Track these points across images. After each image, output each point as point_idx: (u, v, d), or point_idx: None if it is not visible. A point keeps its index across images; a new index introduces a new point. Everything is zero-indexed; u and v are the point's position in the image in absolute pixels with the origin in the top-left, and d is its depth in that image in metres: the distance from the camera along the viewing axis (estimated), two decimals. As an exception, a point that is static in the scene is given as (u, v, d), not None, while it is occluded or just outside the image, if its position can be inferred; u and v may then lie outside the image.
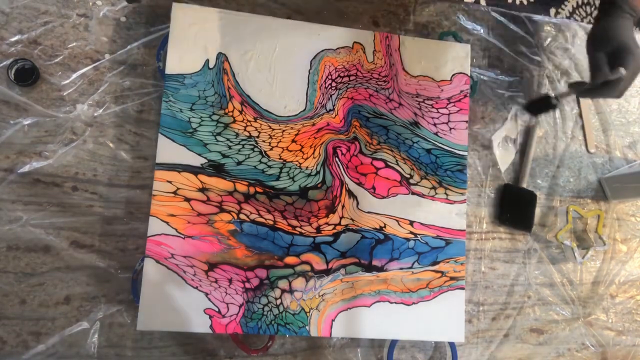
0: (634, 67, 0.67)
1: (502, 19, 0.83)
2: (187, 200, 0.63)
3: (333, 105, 0.69)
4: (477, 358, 0.73)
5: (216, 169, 0.64)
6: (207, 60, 0.66)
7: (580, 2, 2.04)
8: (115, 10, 0.67)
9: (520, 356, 0.75)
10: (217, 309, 0.61)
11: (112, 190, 0.64)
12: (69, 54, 0.65)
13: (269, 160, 0.66)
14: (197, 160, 0.63)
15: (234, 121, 0.66)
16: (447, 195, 0.71)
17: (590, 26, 0.88)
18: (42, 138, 0.63)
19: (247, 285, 0.63)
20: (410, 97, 0.73)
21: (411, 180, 0.70)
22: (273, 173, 0.66)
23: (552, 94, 0.77)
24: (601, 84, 0.67)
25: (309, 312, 0.64)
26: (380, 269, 0.67)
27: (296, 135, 0.67)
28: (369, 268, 0.67)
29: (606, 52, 0.68)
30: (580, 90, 0.72)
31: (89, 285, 0.62)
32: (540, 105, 0.78)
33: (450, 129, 0.73)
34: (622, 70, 0.65)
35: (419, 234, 0.69)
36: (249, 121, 0.66)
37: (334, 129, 0.69)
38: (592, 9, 2.04)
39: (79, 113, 0.64)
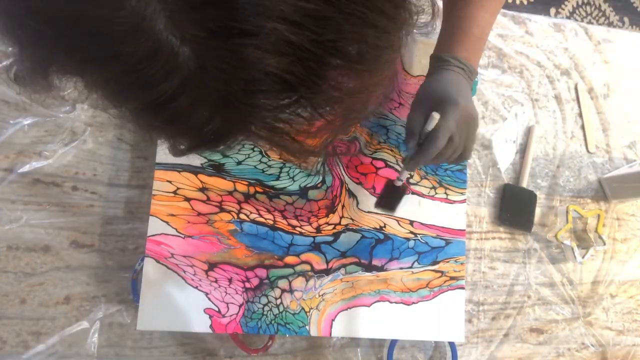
0: (459, 116, 0.55)
1: (502, 18, 0.83)
2: (187, 200, 0.63)
3: (333, 105, 0.69)
4: (477, 358, 0.73)
5: (216, 169, 0.64)
6: (207, 60, 0.66)
7: (580, 2, 2.04)
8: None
9: (520, 356, 0.75)
10: (217, 309, 0.61)
11: (112, 190, 0.64)
12: (69, 54, 0.65)
13: (269, 160, 0.66)
14: (197, 160, 0.63)
15: (234, 121, 0.66)
16: (447, 195, 0.71)
17: (590, 26, 0.88)
18: (42, 138, 0.63)
19: (247, 285, 0.63)
20: (410, 97, 0.73)
21: (411, 180, 0.70)
22: (273, 173, 0.66)
23: (397, 180, 0.63)
24: (421, 145, 0.56)
25: (309, 311, 0.64)
26: (380, 269, 0.67)
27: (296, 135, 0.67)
28: (369, 268, 0.67)
29: (426, 107, 0.56)
30: (408, 162, 0.60)
31: (89, 285, 0.62)
32: (391, 197, 0.65)
33: (450, 128, 0.73)
34: (434, 117, 0.53)
35: (419, 234, 0.69)
36: (249, 121, 0.66)
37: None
38: (592, 8, 2.04)
39: (79, 113, 0.64)
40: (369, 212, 0.68)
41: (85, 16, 0.22)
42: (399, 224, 0.69)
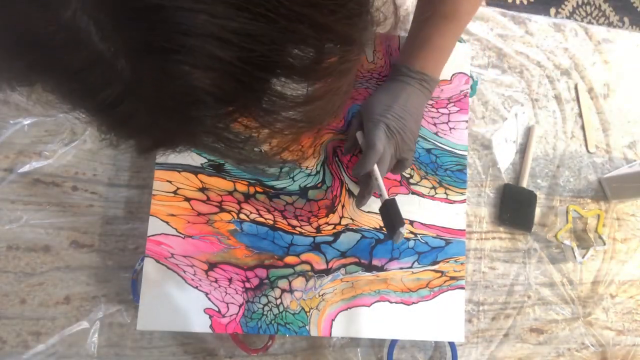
0: (377, 133, 0.57)
1: (502, 18, 0.83)
2: (187, 199, 0.63)
3: (333, 105, 0.69)
4: (477, 358, 0.73)
5: (216, 169, 0.64)
6: (207, 60, 0.66)
7: (580, 2, 2.04)
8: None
9: (520, 356, 0.75)
10: (217, 309, 0.61)
11: (112, 190, 0.64)
12: (69, 54, 0.65)
13: (269, 160, 0.66)
14: (197, 160, 0.63)
15: (234, 121, 0.66)
16: (447, 195, 0.71)
17: (590, 26, 0.88)
18: (42, 138, 0.63)
19: (247, 285, 0.63)
20: (410, 97, 0.73)
21: (411, 180, 0.70)
22: (273, 173, 0.66)
23: (380, 198, 0.60)
24: (359, 159, 0.58)
25: (309, 311, 0.64)
26: (380, 269, 0.67)
27: (296, 135, 0.67)
28: (369, 268, 0.67)
29: (359, 119, 0.60)
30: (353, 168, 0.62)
31: (89, 285, 0.62)
32: (389, 216, 0.59)
33: (450, 128, 0.73)
34: (358, 136, 0.57)
35: (419, 234, 0.69)
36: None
37: (334, 128, 0.69)
38: (592, 8, 2.04)
39: (79, 113, 0.64)
40: (369, 212, 0.68)
41: (23, 28, 0.23)
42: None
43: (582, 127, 0.84)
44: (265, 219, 0.65)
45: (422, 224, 0.70)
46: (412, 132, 0.60)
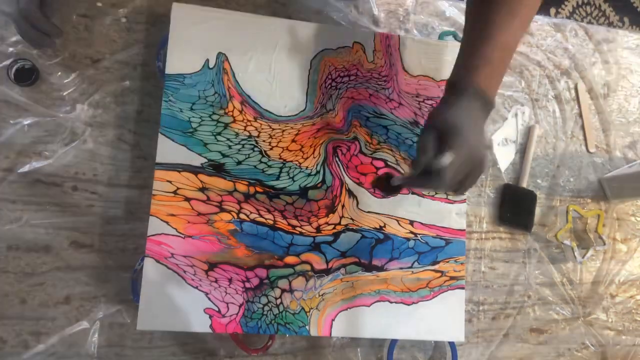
0: (466, 157, 0.53)
1: (502, 18, 0.82)
2: (187, 199, 0.63)
3: (333, 105, 0.69)
4: (477, 358, 0.73)
5: (216, 169, 0.64)
6: (207, 60, 0.66)
7: (580, 2, 2.04)
8: (115, 10, 0.67)
9: (520, 356, 0.75)
10: (217, 309, 0.61)
11: (112, 190, 0.64)
12: (69, 54, 0.65)
13: (269, 160, 0.66)
14: (197, 160, 0.63)
15: (234, 121, 0.66)
16: (447, 195, 0.71)
17: (590, 26, 0.88)
18: (42, 138, 0.63)
19: (247, 284, 0.63)
20: (411, 97, 0.73)
21: (411, 180, 0.70)
22: (273, 173, 0.66)
23: (394, 180, 0.66)
24: (424, 172, 0.54)
25: (309, 311, 0.64)
26: (380, 269, 0.67)
27: (296, 135, 0.67)
28: (369, 268, 0.67)
29: (438, 133, 0.54)
30: (406, 178, 0.61)
31: (89, 285, 0.62)
32: (381, 186, 0.68)
33: (450, 128, 0.73)
34: (448, 157, 0.51)
35: (419, 234, 0.69)
36: (249, 121, 0.66)
37: (334, 128, 0.69)
38: (592, 8, 2.04)
39: (79, 113, 0.64)
40: (369, 212, 0.68)
41: None
42: (399, 224, 0.69)
43: (582, 127, 0.84)
44: (265, 219, 0.65)
45: (422, 224, 0.70)
46: (480, 166, 0.56)
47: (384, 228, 0.68)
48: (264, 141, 0.66)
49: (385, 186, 0.69)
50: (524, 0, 0.56)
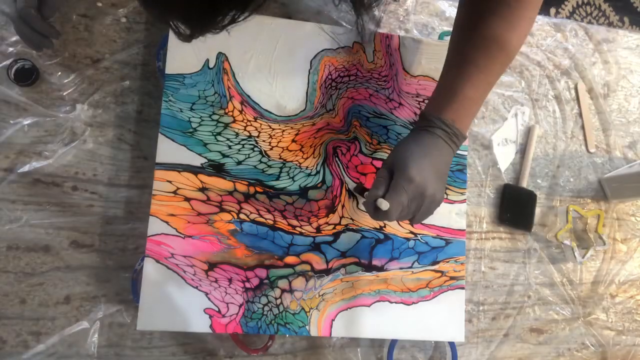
0: (411, 191, 0.53)
1: (502, 18, 0.82)
2: (187, 200, 0.63)
3: (333, 105, 0.69)
4: (477, 358, 0.73)
5: (216, 169, 0.64)
6: (207, 60, 0.66)
7: (580, 2, 2.04)
8: (115, 10, 0.67)
9: (520, 356, 0.75)
10: (217, 309, 0.61)
11: (112, 190, 0.64)
12: (69, 54, 0.65)
13: (269, 160, 0.66)
14: (197, 160, 0.64)
15: (234, 121, 0.66)
16: (447, 195, 0.71)
17: (590, 26, 0.88)
18: (42, 138, 0.63)
19: (247, 285, 0.63)
20: (411, 97, 0.73)
21: (411, 180, 0.70)
22: (273, 173, 0.66)
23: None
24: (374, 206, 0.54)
25: (309, 311, 0.64)
26: (380, 269, 0.67)
27: (296, 135, 0.67)
28: (369, 268, 0.67)
29: (389, 170, 0.55)
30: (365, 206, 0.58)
31: (89, 285, 0.62)
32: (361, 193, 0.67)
33: (450, 128, 0.73)
34: (384, 204, 0.52)
35: (419, 234, 0.69)
36: (249, 121, 0.66)
37: (334, 128, 0.69)
38: (592, 8, 2.04)
39: (79, 113, 0.64)
40: (369, 212, 0.68)
41: None
42: (399, 224, 0.69)
43: (582, 127, 0.84)
44: (265, 219, 0.65)
45: (422, 224, 0.70)
46: (430, 201, 0.56)
47: (384, 228, 0.68)
48: (264, 141, 0.66)
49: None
50: (505, 45, 0.56)
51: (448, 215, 0.71)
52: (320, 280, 0.65)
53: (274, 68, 0.68)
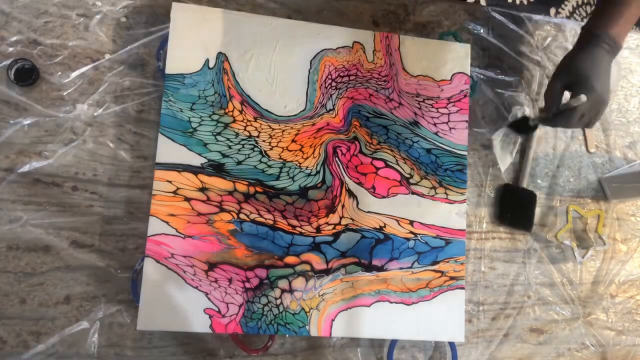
0: (593, 100, 0.64)
1: (502, 18, 0.82)
2: (187, 200, 0.63)
3: (333, 105, 0.69)
4: (477, 358, 0.73)
5: (216, 169, 0.64)
6: (207, 60, 0.66)
7: (580, 2, 2.04)
8: (115, 10, 0.67)
9: (520, 356, 0.75)
10: (217, 309, 0.61)
11: (112, 190, 0.64)
12: (69, 54, 0.65)
13: (269, 160, 0.66)
14: (197, 160, 0.64)
15: (234, 121, 0.66)
16: (447, 195, 0.71)
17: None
18: (42, 138, 0.63)
19: (247, 285, 0.63)
20: (411, 97, 0.73)
21: (411, 180, 0.70)
22: (273, 173, 0.66)
23: (531, 120, 0.76)
24: (557, 113, 0.67)
25: (309, 311, 0.64)
26: (380, 269, 0.67)
27: (296, 135, 0.67)
28: (369, 268, 0.67)
29: (566, 81, 0.67)
30: (541, 118, 0.72)
31: (89, 285, 0.62)
32: (519, 126, 0.78)
33: (450, 128, 0.73)
34: (583, 98, 0.63)
35: (419, 234, 0.69)
36: (249, 121, 0.66)
37: (334, 128, 0.69)
38: (592, 9, 2.04)
39: (79, 113, 0.64)
40: (369, 212, 0.68)
41: None
42: (399, 224, 0.69)
43: (582, 127, 0.84)
44: (265, 219, 0.65)
45: (422, 224, 0.70)
46: (605, 105, 0.67)
47: (384, 228, 0.68)
48: (264, 141, 0.66)
49: (522, 127, 0.77)
50: None
51: (448, 215, 0.71)
52: (320, 280, 0.65)
53: (274, 68, 0.68)
